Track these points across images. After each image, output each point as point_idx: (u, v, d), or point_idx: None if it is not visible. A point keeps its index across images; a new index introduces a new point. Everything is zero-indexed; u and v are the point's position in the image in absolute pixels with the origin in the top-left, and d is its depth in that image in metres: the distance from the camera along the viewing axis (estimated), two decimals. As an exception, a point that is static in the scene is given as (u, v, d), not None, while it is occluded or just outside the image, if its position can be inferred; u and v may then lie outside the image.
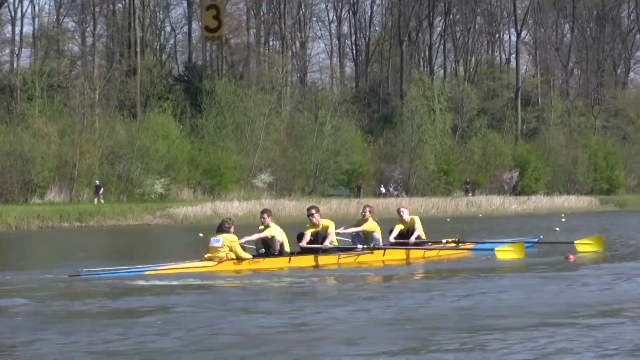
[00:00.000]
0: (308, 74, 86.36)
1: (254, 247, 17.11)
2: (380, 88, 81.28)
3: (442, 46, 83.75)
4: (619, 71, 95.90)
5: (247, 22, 75.97)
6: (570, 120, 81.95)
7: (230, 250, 15.90)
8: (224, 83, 62.93)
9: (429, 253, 18.90)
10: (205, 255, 16.13)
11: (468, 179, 70.94)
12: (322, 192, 65.06)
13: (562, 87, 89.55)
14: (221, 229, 16.11)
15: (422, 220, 19.69)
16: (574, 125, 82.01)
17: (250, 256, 16.31)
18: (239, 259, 16.00)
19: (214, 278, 14.90)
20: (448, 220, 49.26)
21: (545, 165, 76.70)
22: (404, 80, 76.25)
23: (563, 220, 43.50)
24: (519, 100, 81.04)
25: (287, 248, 17.16)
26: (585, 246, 19.58)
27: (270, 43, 79.66)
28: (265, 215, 17.04)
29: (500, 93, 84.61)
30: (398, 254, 18.45)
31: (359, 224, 18.59)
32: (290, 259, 16.82)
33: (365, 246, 17.88)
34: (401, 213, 19.24)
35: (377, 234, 18.33)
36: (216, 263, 15.77)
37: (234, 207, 50.48)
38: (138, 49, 66.21)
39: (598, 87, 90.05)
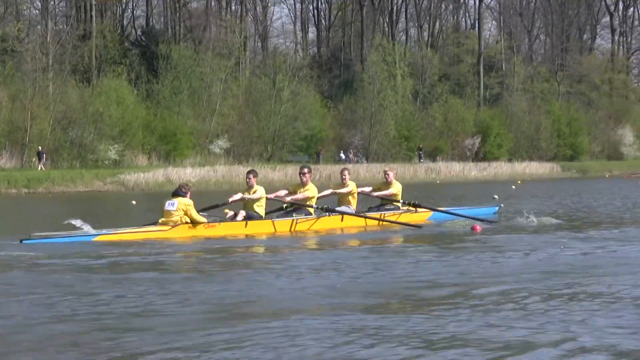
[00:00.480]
0: (270, 39, 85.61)
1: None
2: (342, 53, 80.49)
3: (405, 11, 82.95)
4: (585, 37, 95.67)
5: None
6: (533, 86, 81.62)
7: (185, 214, 15.56)
8: (180, 48, 62.03)
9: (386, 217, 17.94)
10: (160, 220, 15.68)
11: (421, 145, 70.36)
12: (280, 158, 64.53)
13: (526, 53, 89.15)
14: (177, 193, 15.79)
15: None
16: (537, 91, 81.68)
17: (205, 220, 15.89)
18: (194, 223, 15.63)
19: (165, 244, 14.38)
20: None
21: (507, 131, 76.33)
22: (365, 45, 75.44)
23: (513, 187, 43.11)
24: (481, 66, 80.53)
25: (262, 213, 16.67)
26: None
27: (233, 8, 78.65)
28: (251, 176, 16.71)
29: (464, 59, 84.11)
30: (357, 221, 17.61)
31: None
32: (246, 224, 16.18)
33: (320, 207, 17.16)
34: (387, 176, 18.85)
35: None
36: (170, 227, 15.37)
37: (187, 173, 49.83)
38: (93, 13, 65.08)
39: (562, 53, 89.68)
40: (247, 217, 16.32)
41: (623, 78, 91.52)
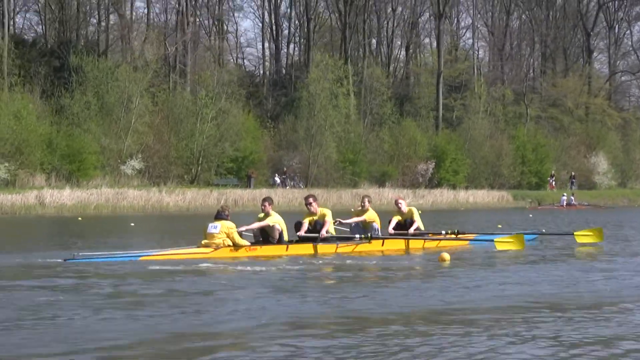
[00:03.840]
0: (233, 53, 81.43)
1: (251, 235, 16.90)
2: (292, 70, 75.67)
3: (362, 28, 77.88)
4: (568, 58, 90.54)
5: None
6: (496, 109, 76.29)
7: (227, 237, 15.81)
8: (92, 60, 57.37)
9: (428, 244, 18.42)
10: (202, 242, 15.93)
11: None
12: (206, 181, 59.67)
13: (494, 74, 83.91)
14: (219, 216, 16.02)
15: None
16: (500, 114, 76.38)
17: (248, 243, 16.19)
18: (236, 246, 15.89)
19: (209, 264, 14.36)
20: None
21: (465, 156, 70.98)
22: (311, 62, 70.48)
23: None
24: (440, 86, 75.26)
25: (285, 237, 16.90)
26: (585, 238, 19.28)
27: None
28: (266, 204, 16.93)
29: (426, 79, 79.05)
30: (397, 244, 18.10)
31: (358, 215, 18.50)
32: (287, 247, 16.55)
33: (362, 235, 17.65)
34: (399, 205, 19.07)
35: (377, 225, 18.26)
36: (213, 249, 15.64)
37: (63, 195, 44.90)
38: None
39: (533, 75, 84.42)
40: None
41: (599, 102, 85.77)
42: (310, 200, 17.74)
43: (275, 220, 16.72)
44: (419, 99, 76.38)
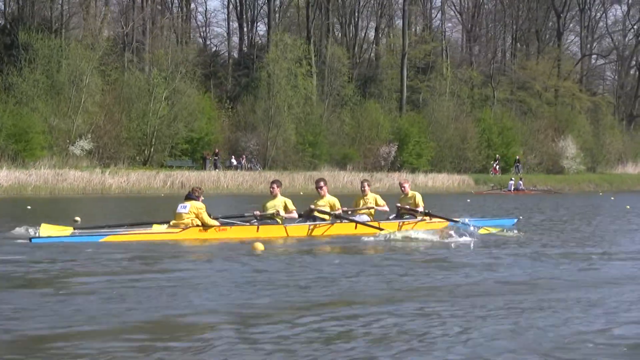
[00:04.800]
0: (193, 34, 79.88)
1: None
2: (254, 50, 74.22)
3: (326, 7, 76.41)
4: (530, 42, 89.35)
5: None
6: (462, 91, 75.03)
7: (197, 216, 15.68)
8: (42, 37, 55.88)
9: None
10: (171, 222, 15.84)
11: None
12: (160, 163, 58.38)
13: (462, 56, 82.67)
14: (189, 196, 15.92)
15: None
16: (465, 96, 75.15)
17: (217, 223, 16.01)
18: (205, 226, 15.70)
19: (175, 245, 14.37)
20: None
21: (430, 139, 69.76)
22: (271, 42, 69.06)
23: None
24: (405, 67, 73.92)
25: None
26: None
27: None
28: (275, 186, 16.91)
29: (393, 60, 77.73)
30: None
31: (358, 202, 18.29)
32: (258, 228, 16.20)
33: (335, 214, 17.31)
34: (403, 187, 18.86)
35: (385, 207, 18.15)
36: (181, 230, 15.48)
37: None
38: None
39: (504, 57, 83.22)
40: (261, 222, 16.53)
41: (569, 85, 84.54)
42: (322, 184, 17.81)
43: (281, 203, 16.78)
44: (383, 81, 74.95)
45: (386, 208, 18.18)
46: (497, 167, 70.17)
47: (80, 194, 44.58)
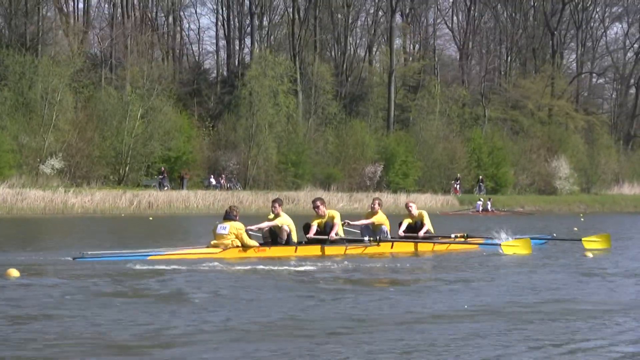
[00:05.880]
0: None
1: (260, 235, 17.04)
2: (239, 68, 72.77)
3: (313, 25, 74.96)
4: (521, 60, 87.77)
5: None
6: (451, 110, 73.42)
7: (237, 237, 16.01)
8: (11, 53, 54.66)
9: (437, 247, 18.70)
10: (211, 242, 16.13)
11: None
12: (136, 182, 56.94)
13: (453, 75, 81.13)
14: (228, 216, 16.18)
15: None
16: (454, 115, 73.52)
17: (257, 244, 16.34)
18: (245, 247, 16.07)
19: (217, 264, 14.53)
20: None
21: (417, 159, 68.06)
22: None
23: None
24: (393, 85, 72.37)
25: (294, 238, 17.08)
26: (593, 243, 19.50)
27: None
28: (276, 205, 17.13)
29: (380, 77, 76.24)
30: (406, 247, 18.43)
31: (368, 217, 18.65)
32: (296, 249, 16.78)
33: (371, 238, 17.84)
34: (409, 208, 19.32)
35: (386, 227, 18.36)
36: (222, 250, 15.87)
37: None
38: None
39: (497, 75, 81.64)
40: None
41: (563, 104, 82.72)
42: (318, 203, 17.89)
43: (284, 221, 16.91)
44: (370, 99, 73.42)
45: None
46: (458, 186, 67.98)
47: (40, 214, 43.13)
